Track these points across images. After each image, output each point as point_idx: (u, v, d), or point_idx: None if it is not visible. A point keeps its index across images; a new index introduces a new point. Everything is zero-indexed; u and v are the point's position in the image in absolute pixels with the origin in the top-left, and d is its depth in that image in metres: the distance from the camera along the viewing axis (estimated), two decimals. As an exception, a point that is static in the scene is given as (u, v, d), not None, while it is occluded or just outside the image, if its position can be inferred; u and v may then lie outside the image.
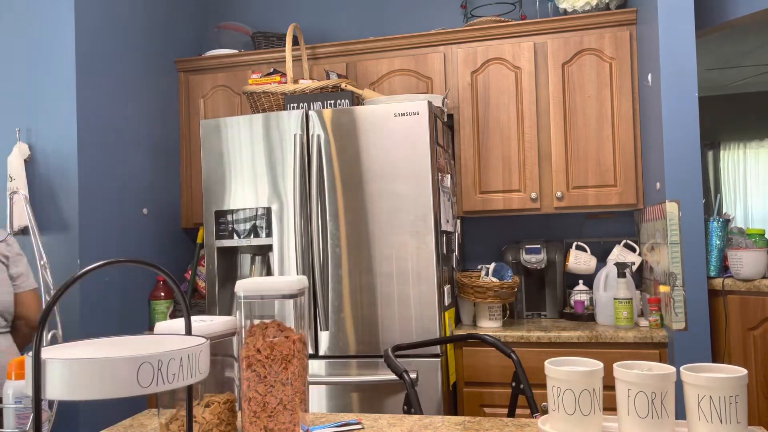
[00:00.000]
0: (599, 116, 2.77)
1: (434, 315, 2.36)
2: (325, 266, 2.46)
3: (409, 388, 1.72)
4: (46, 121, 2.60)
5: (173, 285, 0.89)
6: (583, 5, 2.86)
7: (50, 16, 2.60)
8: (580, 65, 2.80)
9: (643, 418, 1.05)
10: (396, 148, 2.41)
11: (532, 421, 1.34)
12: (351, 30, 3.46)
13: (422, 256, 2.38)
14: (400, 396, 2.37)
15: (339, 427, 1.34)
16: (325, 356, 2.46)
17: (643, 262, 2.83)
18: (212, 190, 2.59)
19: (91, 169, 2.64)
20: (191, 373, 0.82)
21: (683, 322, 2.31)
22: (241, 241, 2.54)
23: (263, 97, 2.73)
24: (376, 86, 3.02)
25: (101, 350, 0.83)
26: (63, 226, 2.56)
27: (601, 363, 1.13)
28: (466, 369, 2.59)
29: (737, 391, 1.01)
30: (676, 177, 2.34)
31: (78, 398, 0.75)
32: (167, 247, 3.16)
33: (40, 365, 0.76)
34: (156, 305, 2.95)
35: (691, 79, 2.34)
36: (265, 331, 1.15)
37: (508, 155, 2.85)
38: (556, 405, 1.12)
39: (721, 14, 2.77)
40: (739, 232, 2.52)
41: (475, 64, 2.89)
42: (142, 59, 3.02)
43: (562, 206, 2.80)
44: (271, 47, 3.25)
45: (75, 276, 0.80)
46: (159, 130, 3.12)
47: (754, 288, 2.36)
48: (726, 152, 6.55)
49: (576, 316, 2.79)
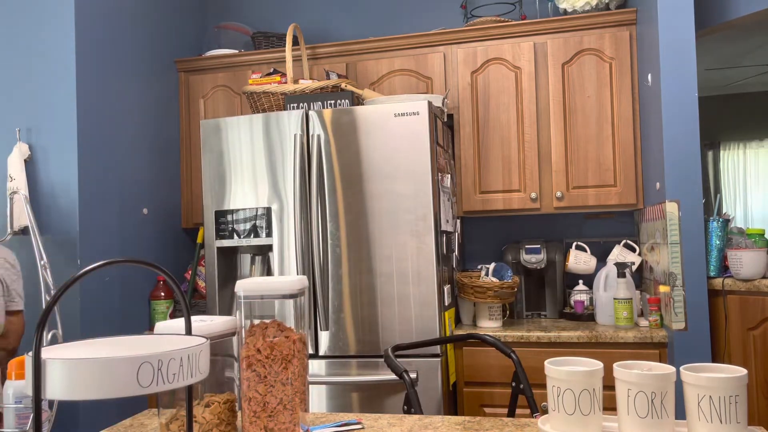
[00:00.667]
0: (599, 116, 2.77)
1: (434, 315, 2.36)
2: (325, 266, 2.46)
3: (409, 388, 1.72)
4: (46, 121, 2.60)
5: (173, 285, 0.89)
6: (583, 5, 2.86)
7: (50, 16, 2.60)
8: (580, 65, 2.80)
9: (643, 418, 1.05)
10: (396, 148, 2.41)
11: (532, 421, 1.34)
12: (351, 30, 3.46)
13: (422, 256, 2.38)
14: (400, 396, 2.37)
15: (339, 427, 1.34)
16: (325, 356, 2.46)
17: (643, 262, 2.83)
18: (212, 190, 2.59)
19: (91, 169, 2.64)
20: (191, 373, 0.82)
21: (683, 322, 2.31)
22: (241, 241, 2.54)
23: (263, 97, 2.73)
24: (376, 86, 3.02)
25: (101, 350, 0.83)
26: (63, 226, 2.56)
27: (601, 363, 1.13)
28: (466, 369, 2.59)
29: (737, 391, 1.01)
30: (676, 177, 2.34)
31: (78, 398, 0.75)
32: (167, 247, 3.16)
33: (40, 365, 0.76)
34: (156, 305, 2.95)
35: (691, 79, 2.34)
36: (265, 331, 1.15)
37: (508, 155, 2.85)
38: (556, 405, 1.12)
39: (721, 14, 2.77)
40: (739, 232, 2.52)
41: (475, 64, 2.89)
42: (142, 59, 3.02)
43: (562, 206, 2.80)
44: (271, 47, 3.25)
45: (75, 276, 0.80)
46: (159, 130, 3.12)
47: (754, 288, 2.36)
48: (726, 152, 6.56)
49: (576, 316, 2.79)
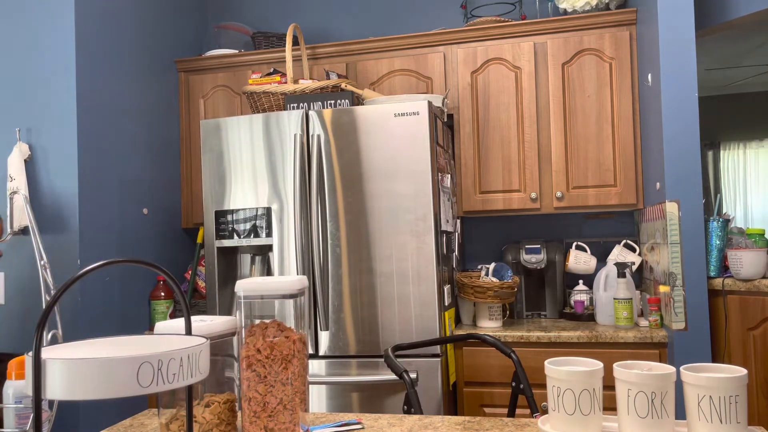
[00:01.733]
0: (599, 116, 2.77)
1: (434, 315, 2.36)
2: (325, 266, 2.46)
3: (409, 388, 1.72)
4: (46, 121, 2.60)
5: (173, 285, 0.89)
6: (583, 5, 2.86)
7: (50, 16, 2.60)
8: (580, 65, 2.80)
9: (643, 418, 1.05)
10: (396, 148, 2.41)
11: (532, 421, 1.34)
12: (351, 30, 3.46)
13: (422, 256, 2.38)
14: (400, 396, 2.37)
15: (339, 427, 1.34)
16: (325, 356, 2.46)
17: (643, 262, 2.83)
18: (212, 190, 2.59)
19: (91, 169, 2.64)
20: (191, 373, 0.82)
21: (683, 322, 2.31)
22: (241, 241, 2.54)
23: (263, 97, 2.73)
24: (376, 86, 3.02)
25: (101, 350, 0.83)
26: (63, 226, 2.56)
27: (601, 363, 1.13)
28: (466, 369, 2.59)
29: (737, 391, 1.01)
30: (676, 177, 2.34)
31: (78, 398, 0.75)
32: (167, 247, 3.16)
33: (40, 365, 0.76)
34: (156, 305, 2.95)
35: (691, 79, 2.34)
36: (265, 331, 1.15)
37: (508, 155, 2.85)
38: (556, 405, 1.12)
39: (721, 14, 2.77)
40: (739, 232, 2.52)
41: (475, 64, 2.89)
42: (142, 59, 3.02)
43: (562, 206, 2.80)
44: (271, 47, 3.25)
45: (75, 276, 0.80)
46: (159, 130, 3.12)
47: (754, 288, 2.36)
48: (726, 152, 6.56)
49: (576, 316, 2.79)
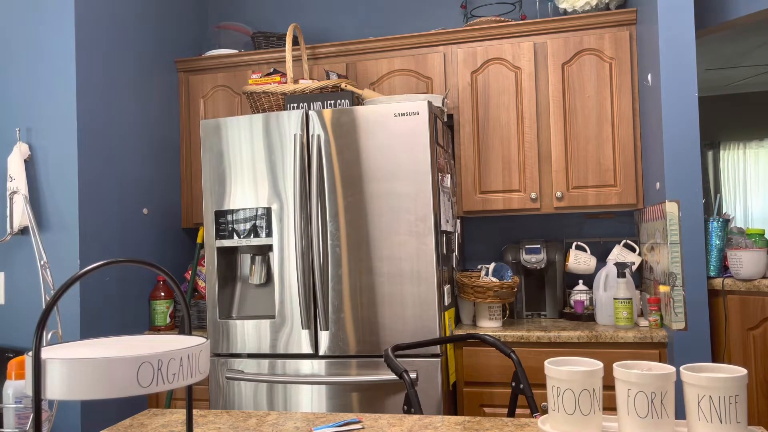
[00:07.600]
0: (599, 116, 2.77)
1: (434, 315, 2.36)
2: (325, 266, 2.46)
3: (409, 388, 1.72)
4: (46, 121, 2.60)
5: (173, 285, 0.90)
6: (583, 5, 2.86)
7: (50, 16, 2.60)
8: (580, 65, 2.80)
9: (643, 418, 1.05)
10: (396, 148, 2.41)
11: (532, 421, 1.34)
12: (351, 30, 3.46)
13: (422, 256, 2.38)
14: (400, 396, 2.37)
15: (339, 426, 1.34)
16: (325, 356, 2.46)
17: (643, 262, 2.83)
18: (212, 190, 2.59)
19: (91, 169, 2.64)
20: (191, 373, 0.82)
21: (683, 322, 2.31)
22: (241, 241, 2.54)
23: (263, 97, 2.73)
24: (376, 86, 3.02)
25: (101, 350, 0.83)
26: (63, 226, 2.56)
27: (601, 363, 1.14)
28: (466, 369, 2.59)
29: (737, 391, 1.01)
30: (676, 177, 2.34)
31: (78, 398, 0.75)
32: (167, 247, 3.16)
33: (40, 365, 0.76)
34: (156, 305, 2.95)
35: (691, 79, 2.34)
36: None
37: (507, 155, 2.85)
38: (556, 405, 1.12)
39: (721, 14, 2.77)
40: (739, 232, 2.52)
41: (475, 64, 2.89)
42: (142, 59, 3.02)
43: (561, 206, 2.80)
44: (271, 47, 3.25)
45: (75, 276, 0.80)
46: (159, 130, 3.12)
47: (754, 288, 2.36)
48: (726, 152, 6.56)
49: (576, 316, 2.79)
